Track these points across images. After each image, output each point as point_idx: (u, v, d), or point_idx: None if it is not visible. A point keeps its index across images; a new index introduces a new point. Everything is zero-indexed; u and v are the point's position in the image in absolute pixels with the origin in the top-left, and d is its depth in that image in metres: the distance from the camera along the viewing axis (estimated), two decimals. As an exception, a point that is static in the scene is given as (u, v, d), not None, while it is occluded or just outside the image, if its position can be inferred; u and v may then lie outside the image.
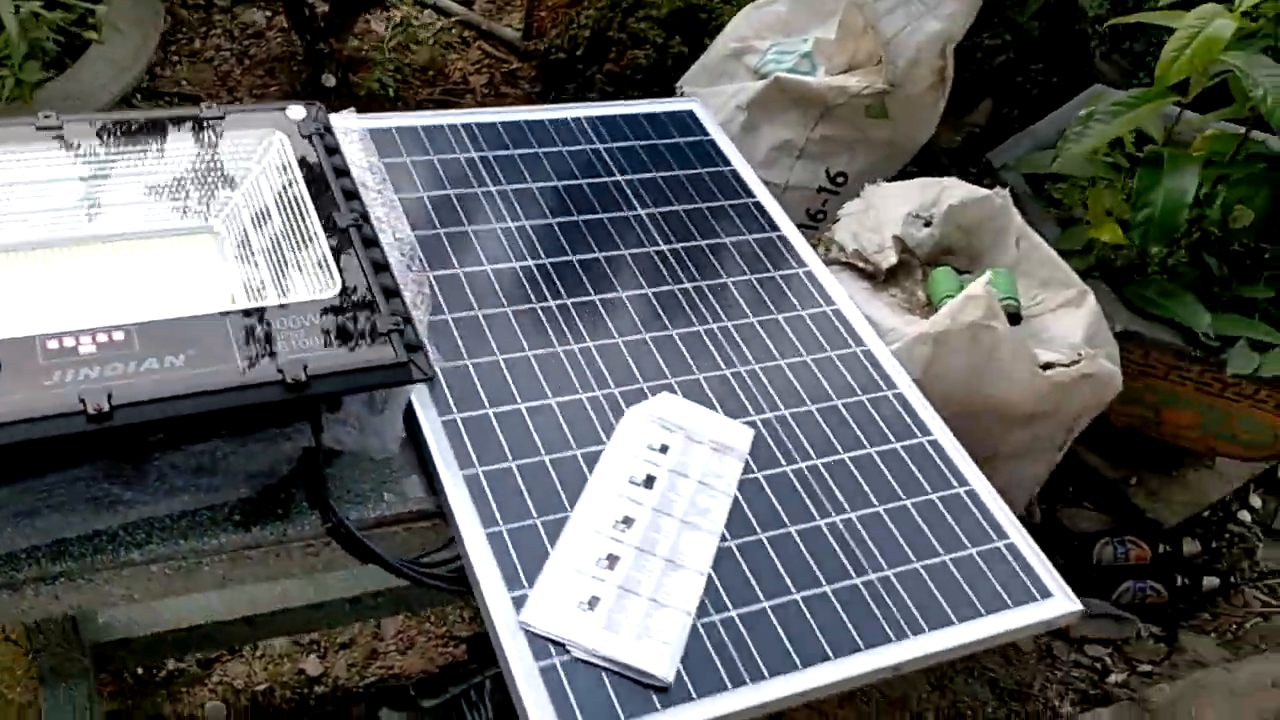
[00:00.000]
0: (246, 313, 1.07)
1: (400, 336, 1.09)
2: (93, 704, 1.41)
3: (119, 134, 1.24)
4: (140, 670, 1.62)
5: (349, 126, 1.41)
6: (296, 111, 1.31)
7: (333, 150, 1.28)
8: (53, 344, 0.99)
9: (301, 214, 1.20)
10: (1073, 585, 1.17)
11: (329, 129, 1.30)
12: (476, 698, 1.63)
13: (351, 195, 1.23)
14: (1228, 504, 2.15)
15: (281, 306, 1.08)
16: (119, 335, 1.02)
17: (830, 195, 1.95)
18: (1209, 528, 2.11)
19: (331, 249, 1.16)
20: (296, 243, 1.18)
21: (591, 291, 1.35)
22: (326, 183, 1.23)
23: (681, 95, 2.11)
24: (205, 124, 1.27)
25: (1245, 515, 2.15)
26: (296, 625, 1.57)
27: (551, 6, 2.88)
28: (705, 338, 1.33)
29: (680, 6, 2.63)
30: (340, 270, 1.13)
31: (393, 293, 1.14)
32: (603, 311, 1.33)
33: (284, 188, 1.24)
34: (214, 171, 1.26)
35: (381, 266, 1.16)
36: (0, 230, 1.16)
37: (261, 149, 1.27)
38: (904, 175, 2.03)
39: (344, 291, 1.11)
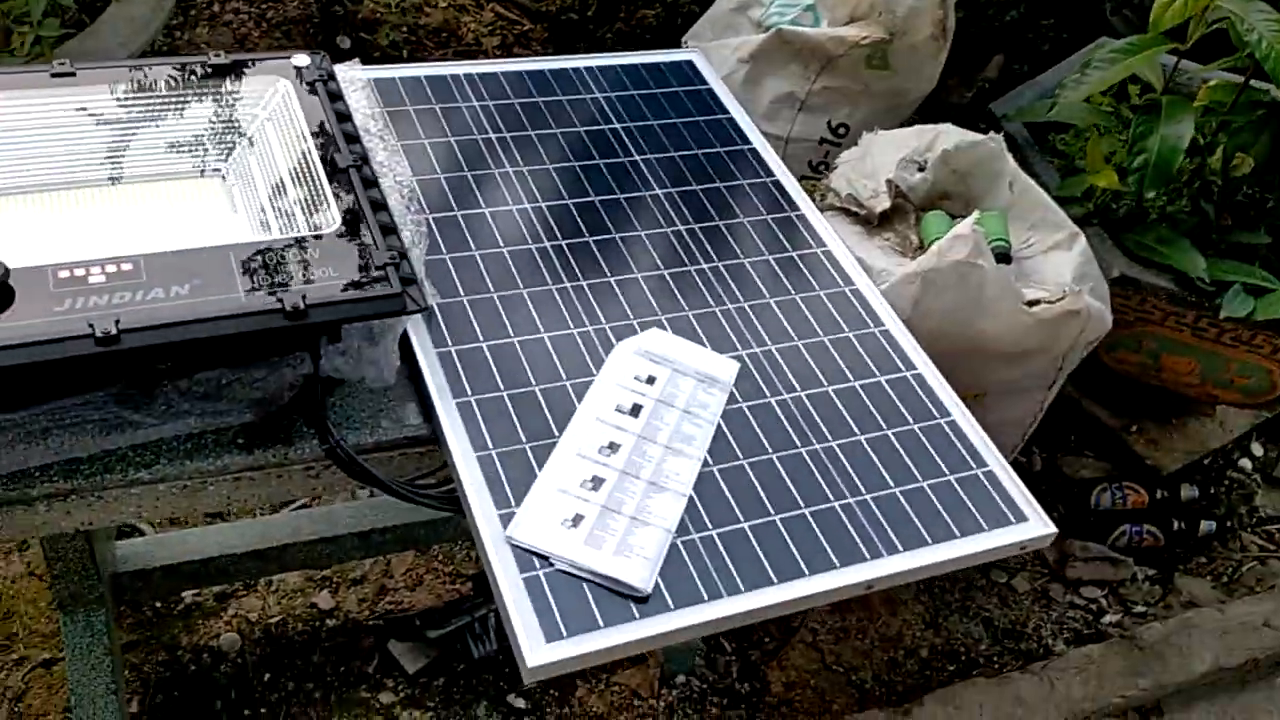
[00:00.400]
0: (248, 246, 1.12)
1: (396, 270, 1.14)
2: (110, 631, 1.47)
3: (131, 81, 1.30)
4: (158, 604, 1.69)
5: (354, 76, 1.45)
6: (301, 59, 1.35)
7: (335, 96, 1.33)
8: (64, 274, 1.05)
9: (304, 155, 1.25)
10: (1070, 530, 1.20)
11: (332, 76, 1.35)
12: (480, 630, 1.69)
13: (352, 139, 1.28)
14: (1229, 452, 2.17)
15: (282, 241, 1.14)
16: (127, 266, 1.07)
17: (832, 147, 1.97)
18: (1208, 475, 2.13)
19: (332, 188, 1.21)
20: (299, 182, 1.23)
21: (587, 234, 1.39)
22: (329, 127, 1.28)
23: (686, 49, 2.13)
24: (213, 71, 1.32)
25: (1246, 463, 2.17)
26: (307, 559, 1.62)
27: (565, -33, 2.91)
28: (696, 276, 1.37)
29: (690, -35, 2.66)
30: (340, 208, 1.18)
31: (390, 229, 1.19)
32: (596, 252, 1.37)
33: (288, 132, 1.28)
34: (221, 117, 1.31)
35: (379, 205, 1.21)
36: (16, 173, 1.22)
37: (268, 95, 1.32)
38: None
39: (343, 227, 1.16)
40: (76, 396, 1.07)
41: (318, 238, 1.15)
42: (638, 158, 1.51)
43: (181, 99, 1.31)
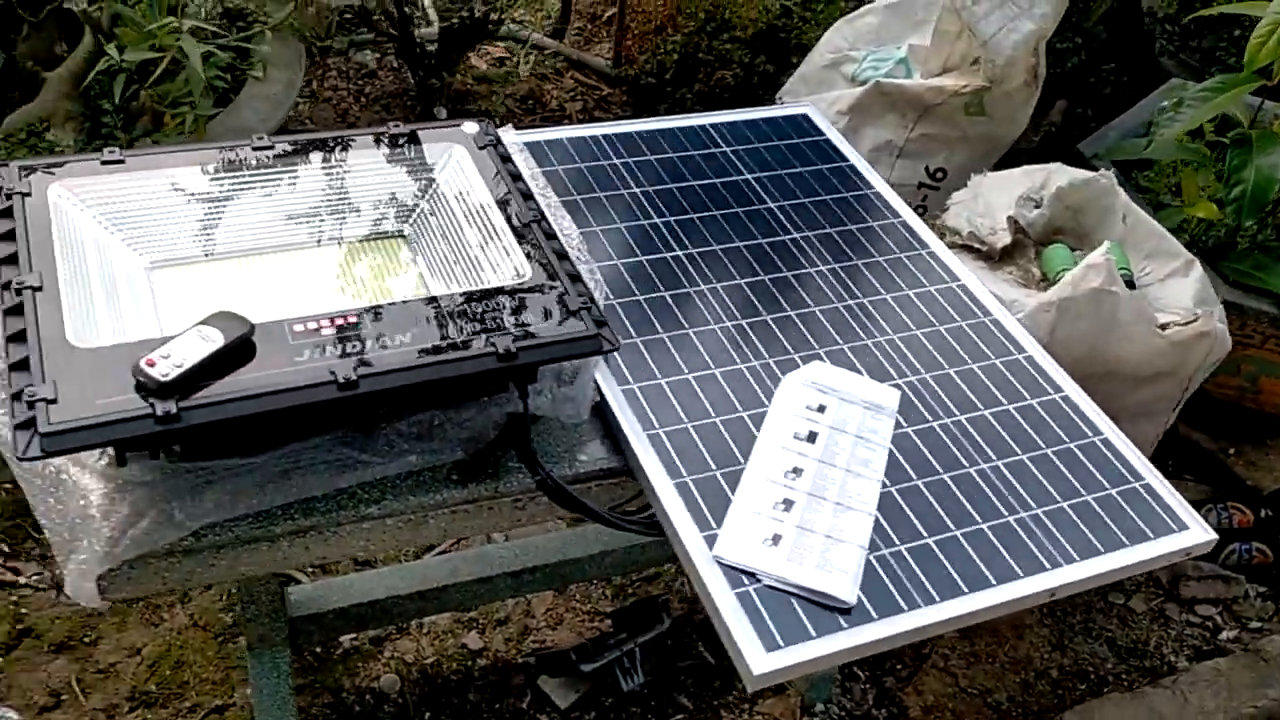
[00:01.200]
0: (456, 296, 1.21)
1: (589, 313, 1.22)
2: (290, 673, 1.55)
3: (320, 151, 1.40)
4: (319, 649, 1.76)
5: (510, 140, 1.56)
6: (470, 127, 1.46)
7: (506, 158, 1.43)
8: (299, 327, 1.14)
9: (485, 213, 1.35)
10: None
11: (499, 141, 1.45)
12: (629, 664, 1.75)
13: (527, 196, 1.38)
14: (1328, 471, 2.22)
15: (485, 290, 1.23)
16: (352, 319, 1.16)
17: (930, 190, 2.07)
18: (1311, 493, 2.18)
19: (518, 241, 1.30)
20: (485, 238, 1.32)
21: (736, 275, 1.48)
22: (505, 186, 1.38)
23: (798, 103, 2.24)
24: (395, 140, 1.42)
25: (1345, 481, 2.22)
26: (464, 600, 1.69)
27: (637, 35, 3.04)
28: (845, 313, 1.45)
29: (763, 28, 2.78)
30: (529, 259, 1.28)
31: (576, 277, 1.28)
32: (750, 292, 1.45)
33: (467, 192, 1.38)
34: (407, 181, 1.41)
35: (563, 255, 1.30)
36: (226, 237, 1.32)
37: (444, 159, 1.42)
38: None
39: (535, 277, 1.25)
40: (308, 440, 1.16)
41: (514, 288, 1.24)
42: (772, 205, 1.61)
43: (366, 166, 1.41)
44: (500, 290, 1.23)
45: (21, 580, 1.81)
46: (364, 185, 1.39)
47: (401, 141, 1.43)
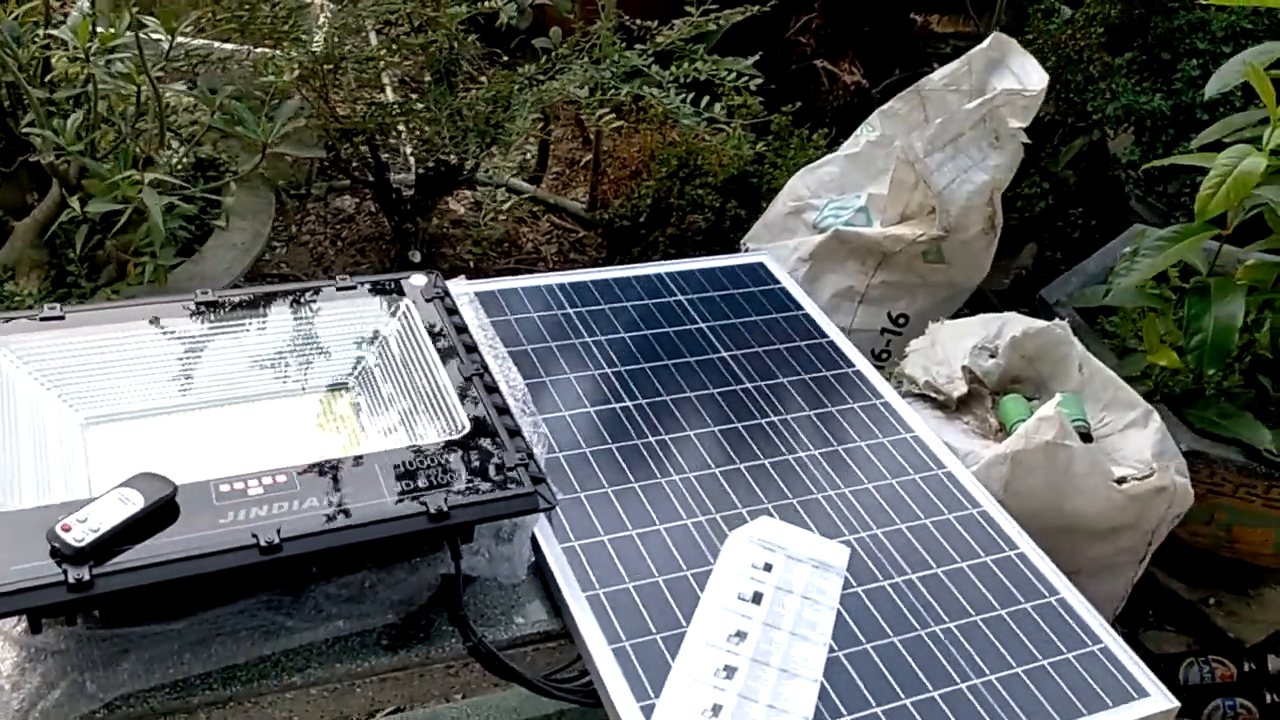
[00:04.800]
0: (389, 454, 1.19)
1: (526, 470, 1.20)
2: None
3: (265, 304, 1.40)
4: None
5: (459, 290, 1.56)
6: (418, 279, 1.46)
7: (452, 311, 1.43)
8: (225, 487, 1.12)
9: (428, 366, 1.34)
10: (1163, 703, 1.22)
11: (448, 293, 1.46)
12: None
13: (471, 349, 1.37)
14: (1311, 621, 2.16)
15: (419, 447, 1.21)
16: (281, 478, 1.14)
17: (893, 335, 2.07)
18: (1294, 645, 2.12)
19: (459, 395, 1.29)
20: (427, 391, 1.31)
21: (686, 427, 1.46)
22: (449, 339, 1.37)
23: (745, 251, 2.26)
24: (340, 291, 1.43)
25: (1330, 632, 2.16)
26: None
27: (612, 180, 3.10)
28: (795, 465, 1.43)
29: (734, 174, 2.84)
30: (467, 414, 1.26)
31: (515, 432, 1.26)
32: (699, 444, 1.44)
33: (412, 344, 1.38)
34: (349, 334, 1.40)
35: (503, 409, 1.29)
36: (166, 392, 1.31)
37: (390, 312, 1.42)
38: (958, 316, 2.15)
39: (473, 432, 1.24)
40: (232, 604, 1.12)
41: (451, 443, 1.22)
42: (725, 354, 1.60)
43: (311, 318, 1.41)
44: (436, 446, 1.21)
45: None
46: (309, 338, 1.39)
47: (349, 293, 1.43)
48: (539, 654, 1.21)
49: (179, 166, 1.98)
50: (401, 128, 2.51)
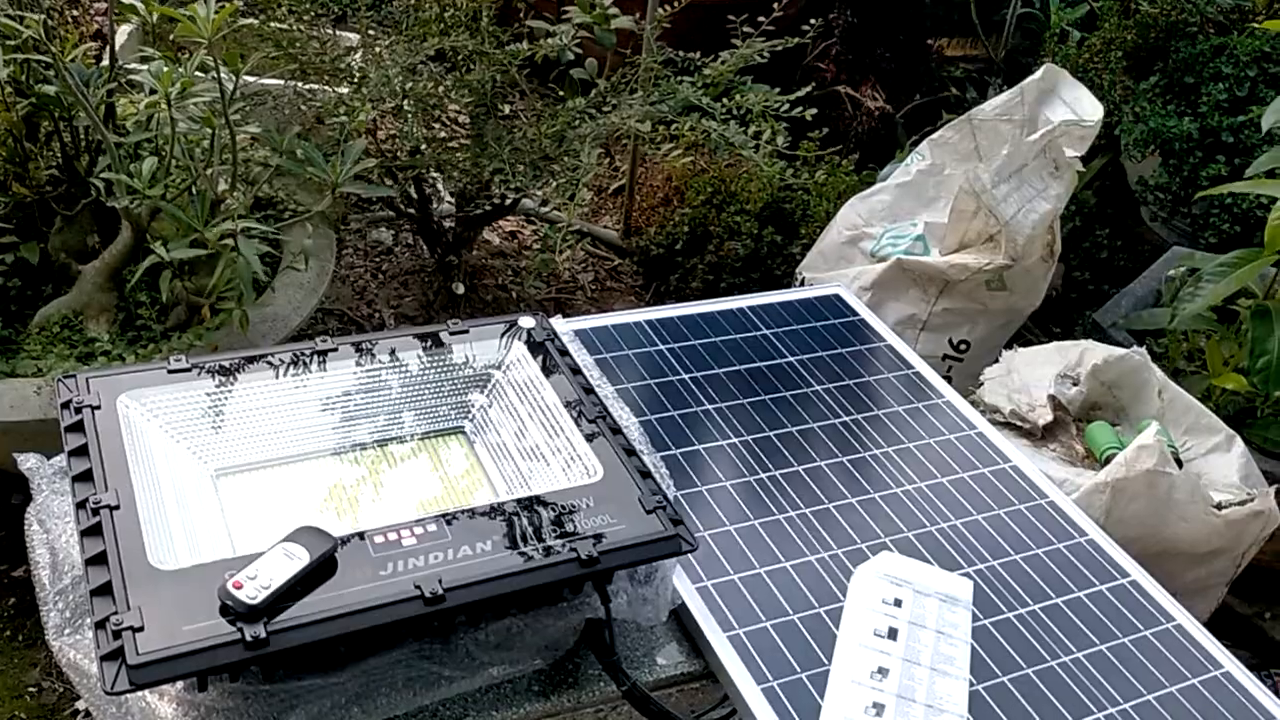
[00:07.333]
0: (529, 500, 1.20)
1: (664, 512, 1.21)
2: None
3: (378, 350, 1.41)
4: None
5: (559, 330, 1.57)
6: (527, 321, 1.47)
7: (564, 352, 1.44)
8: (379, 539, 1.12)
9: (548, 408, 1.35)
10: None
11: (556, 334, 1.47)
12: None
13: (589, 390, 1.38)
14: (1365, 632, 2.21)
15: (557, 493, 1.22)
16: (432, 527, 1.14)
17: (955, 362, 2.10)
18: (1352, 657, 2.17)
19: (585, 439, 1.30)
20: (550, 434, 1.32)
21: (794, 463, 1.48)
22: (566, 381, 1.38)
23: (801, 282, 2.29)
24: (453, 335, 1.43)
25: (1384, 642, 2.21)
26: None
27: (645, 208, 3.12)
28: (905, 499, 1.45)
29: (769, 200, 2.87)
30: (597, 457, 1.27)
31: (646, 474, 1.27)
32: (809, 479, 1.45)
33: (529, 387, 1.39)
34: (465, 378, 1.41)
35: (630, 451, 1.30)
36: (293, 441, 1.31)
37: (504, 354, 1.43)
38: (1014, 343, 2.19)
39: (608, 475, 1.25)
40: (386, 655, 1.13)
41: (588, 487, 1.23)
42: (819, 388, 1.62)
43: (426, 364, 1.41)
44: (572, 491, 1.22)
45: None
46: (425, 383, 1.39)
47: (462, 337, 1.44)
48: (682, 695, 1.22)
49: (244, 207, 1.98)
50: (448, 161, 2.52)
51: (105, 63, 1.95)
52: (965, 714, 1.17)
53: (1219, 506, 1.49)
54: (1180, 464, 1.56)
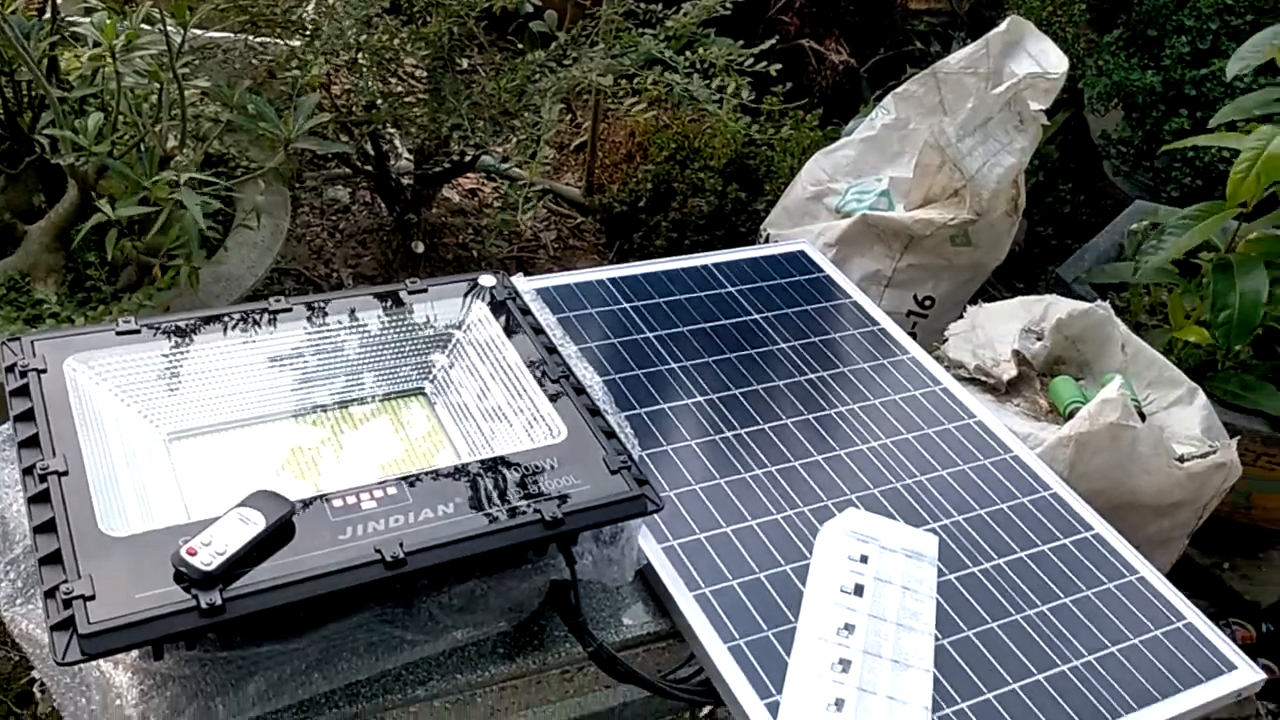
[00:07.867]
0: (491, 462, 1.18)
1: (629, 472, 1.20)
2: None
3: (334, 310, 1.37)
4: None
5: (520, 289, 1.55)
6: (488, 280, 1.44)
7: (525, 311, 1.41)
8: (338, 502, 1.10)
9: (510, 369, 1.33)
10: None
11: (517, 293, 1.44)
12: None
13: (552, 350, 1.36)
14: (1322, 581, 2.25)
15: (520, 454, 1.20)
16: (391, 490, 1.12)
17: (919, 318, 2.10)
18: (1308, 605, 2.21)
19: (549, 399, 1.28)
20: (514, 396, 1.30)
21: (760, 421, 1.47)
22: (529, 340, 1.36)
23: (766, 238, 2.28)
24: (411, 295, 1.40)
25: (1339, 591, 2.25)
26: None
27: (608, 164, 3.08)
28: (870, 455, 1.45)
29: (733, 156, 2.84)
30: (561, 417, 1.25)
31: (610, 434, 1.25)
32: (775, 437, 1.44)
33: (490, 347, 1.36)
34: (425, 338, 1.38)
35: (595, 411, 1.28)
36: (242, 404, 1.28)
37: (464, 314, 1.40)
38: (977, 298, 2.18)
39: (572, 436, 1.23)
40: (345, 620, 1.11)
41: (552, 447, 1.21)
42: (783, 345, 1.61)
43: (384, 324, 1.38)
44: (535, 452, 1.21)
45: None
46: (384, 343, 1.37)
47: (420, 296, 1.41)
48: (649, 655, 1.21)
49: (193, 164, 1.92)
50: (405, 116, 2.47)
51: (47, 15, 1.88)
52: (931, 668, 1.18)
53: (1181, 459, 1.50)
54: (1143, 417, 1.57)
